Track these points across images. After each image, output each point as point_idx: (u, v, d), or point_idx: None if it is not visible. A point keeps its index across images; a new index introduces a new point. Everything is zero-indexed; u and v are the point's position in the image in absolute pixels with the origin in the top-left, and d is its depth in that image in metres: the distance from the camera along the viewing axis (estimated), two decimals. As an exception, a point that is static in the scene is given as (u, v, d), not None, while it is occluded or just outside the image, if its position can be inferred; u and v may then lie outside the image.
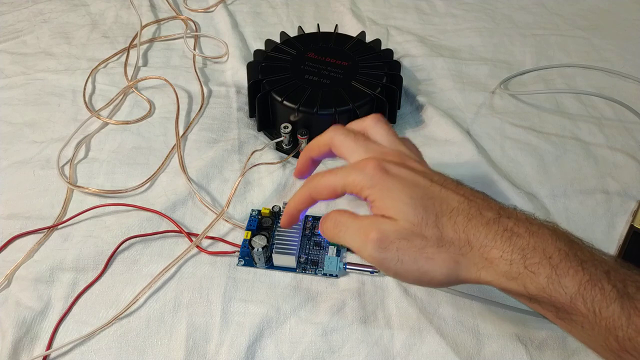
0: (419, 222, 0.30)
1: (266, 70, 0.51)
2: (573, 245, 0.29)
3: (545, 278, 0.28)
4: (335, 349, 0.37)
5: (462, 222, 0.30)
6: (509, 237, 0.29)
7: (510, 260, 0.28)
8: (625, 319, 0.26)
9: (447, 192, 0.31)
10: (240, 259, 0.42)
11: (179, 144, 0.51)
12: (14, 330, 0.37)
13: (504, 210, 0.30)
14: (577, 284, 0.27)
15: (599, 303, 0.27)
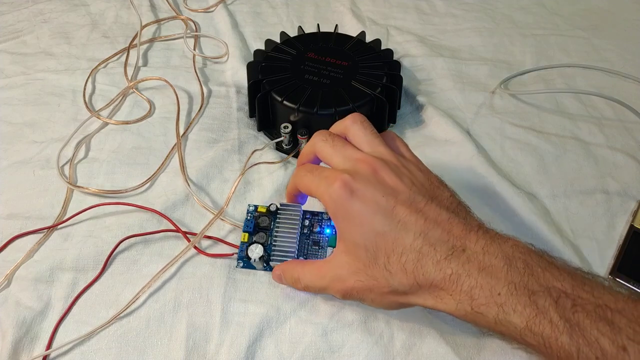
0: (369, 264, 0.32)
1: (266, 70, 0.51)
2: (527, 271, 0.29)
3: (493, 317, 0.29)
4: (335, 349, 0.37)
5: (412, 262, 0.31)
6: (457, 279, 0.30)
7: (458, 301, 0.30)
8: (575, 349, 0.27)
9: (406, 220, 0.31)
10: (239, 260, 0.41)
11: (179, 144, 0.51)
12: (14, 330, 0.37)
13: (462, 238, 0.31)
14: (524, 320, 0.28)
15: (548, 337, 0.27)
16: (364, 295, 0.33)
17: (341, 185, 0.32)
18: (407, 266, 0.31)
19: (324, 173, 0.34)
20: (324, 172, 0.35)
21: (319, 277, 0.35)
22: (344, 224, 0.33)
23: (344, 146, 0.35)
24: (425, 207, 0.32)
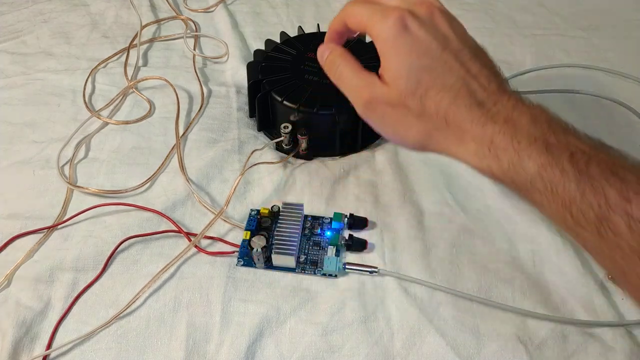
0: (407, 94, 0.33)
1: (266, 70, 0.51)
2: (550, 129, 0.30)
3: (507, 162, 0.30)
4: (335, 349, 0.37)
5: (447, 100, 0.32)
6: (484, 123, 0.31)
7: (479, 144, 0.31)
8: (579, 195, 0.28)
9: (451, 64, 0.33)
10: (240, 259, 0.42)
11: (178, 144, 0.51)
12: (14, 330, 0.37)
13: (495, 94, 0.32)
14: (537, 166, 0.29)
15: (556, 183, 0.29)
16: (386, 113, 0.34)
17: (397, 19, 0.33)
18: (442, 103, 0.32)
19: (380, 6, 0.34)
20: (380, 5, 0.35)
21: (356, 74, 0.36)
22: (390, 57, 0.33)
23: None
24: (469, 61, 0.33)
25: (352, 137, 0.49)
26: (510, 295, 0.40)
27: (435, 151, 0.34)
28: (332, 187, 0.47)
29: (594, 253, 0.30)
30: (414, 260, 0.42)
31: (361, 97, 0.35)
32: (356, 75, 0.36)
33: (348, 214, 0.44)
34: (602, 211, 0.27)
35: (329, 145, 0.50)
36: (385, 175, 0.48)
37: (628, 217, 0.27)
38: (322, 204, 0.46)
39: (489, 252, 0.42)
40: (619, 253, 0.28)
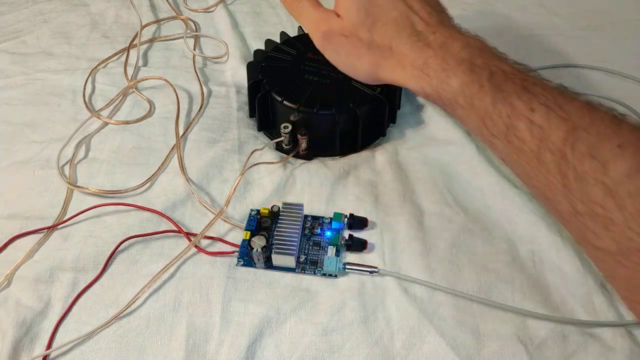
0: (358, 25, 0.38)
1: (266, 70, 0.51)
2: (479, 54, 0.35)
3: (436, 80, 0.35)
4: (335, 349, 0.37)
5: (391, 31, 0.38)
6: (421, 48, 0.36)
7: (414, 67, 0.36)
8: (492, 107, 0.32)
9: (396, 3, 0.38)
10: (240, 259, 0.42)
11: (178, 144, 0.51)
12: (14, 330, 0.37)
13: (434, 26, 0.37)
14: (460, 83, 0.34)
15: (474, 96, 0.33)
16: (340, 43, 0.39)
17: None
18: (387, 34, 0.38)
19: None
20: None
21: (315, 9, 0.41)
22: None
23: None
24: (415, 2, 0.39)
25: (352, 137, 0.49)
26: (510, 295, 0.40)
27: (384, 80, 0.39)
28: (332, 187, 0.47)
29: (505, 160, 0.34)
30: (414, 260, 0.42)
31: (319, 29, 0.40)
32: (315, 10, 0.41)
33: (348, 214, 0.44)
34: (510, 120, 0.32)
35: (329, 145, 0.50)
36: (385, 175, 0.48)
37: (530, 123, 0.31)
38: (322, 204, 0.46)
39: (489, 252, 0.42)
40: (523, 158, 0.32)
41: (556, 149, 0.30)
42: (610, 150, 0.28)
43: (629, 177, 0.27)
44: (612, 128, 0.29)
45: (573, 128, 0.29)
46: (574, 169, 0.29)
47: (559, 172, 0.30)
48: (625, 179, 0.27)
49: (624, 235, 0.27)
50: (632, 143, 0.28)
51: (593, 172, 0.28)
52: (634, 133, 0.28)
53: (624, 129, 0.29)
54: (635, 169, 0.27)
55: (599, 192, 0.28)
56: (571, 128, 0.29)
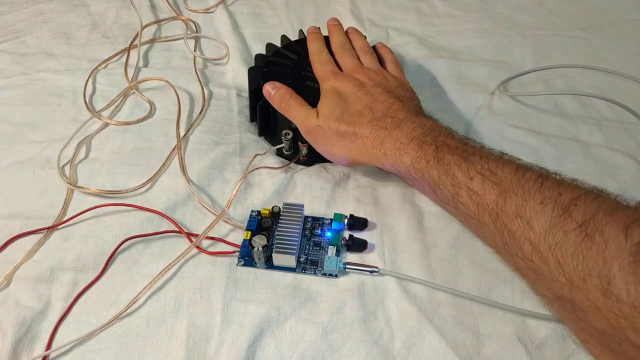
0: (328, 117, 0.44)
1: (267, 76, 0.50)
2: (430, 133, 0.40)
3: (392, 158, 0.40)
4: (335, 349, 0.37)
5: (354, 119, 0.43)
6: (378, 131, 0.41)
7: (374, 147, 0.41)
8: (438, 179, 0.37)
9: (362, 97, 0.44)
10: (240, 259, 0.42)
11: (179, 145, 0.51)
12: (14, 330, 0.37)
13: (394, 111, 0.43)
14: (411, 159, 0.39)
15: (424, 170, 0.38)
16: (319, 135, 0.44)
17: (330, 73, 0.48)
18: (350, 121, 0.43)
19: (328, 67, 0.49)
20: (329, 65, 0.49)
21: (301, 106, 0.46)
22: (322, 99, 0.46)
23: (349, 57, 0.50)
24: (380, 95, 0.44)
25: None
26: (510, 295, 0.40)
27: (357, 162, 0.44)
28: (332, 190, 0.47)
29: (459, 221, 0.40)
30: (413, 261, 0.42)
31: (304, 124, 0.45)
32: (301, 107, 0.46)
33: (348, 214, 0.44)
34: (454, 189, 0.36)
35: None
36: (385, 178, 0.48)
37: (469, 190, 0.35)
38: (323, 205, 0.46)
39: (489, 252, 0.42)
40: (470, 221, 0.36)
41: (491, 210, 0.33)
42: (532, 209, 0.31)
43: (547, 232, 0.30)
44: (535, 187, 0.32)
45: (503, 191, 0.33)
46: (507, 229, 0.32)
47: (497, 231, 0.33)
48: (545, 234, 0.30)
49: (553, 285, 0.30)
50: (552, 199, 0.30)
51: (521, 230, 0.31)
52: (554, 189, 0.31)
53: (546, 186, 0.31)
54: (553, 224, 0.30)
55: (528, 247, 0.31)
56: (501, 192, 0.33)
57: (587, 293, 0.28)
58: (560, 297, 0.30)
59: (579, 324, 0.30)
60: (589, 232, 0.28)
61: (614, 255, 0.27)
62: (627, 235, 0.27)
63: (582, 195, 0.31)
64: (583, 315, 0.29)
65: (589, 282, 0.28)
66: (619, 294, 0.26)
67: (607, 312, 0.27)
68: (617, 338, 0.27)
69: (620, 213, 0.29)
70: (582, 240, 0.28)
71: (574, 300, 0.29)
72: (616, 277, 0.27)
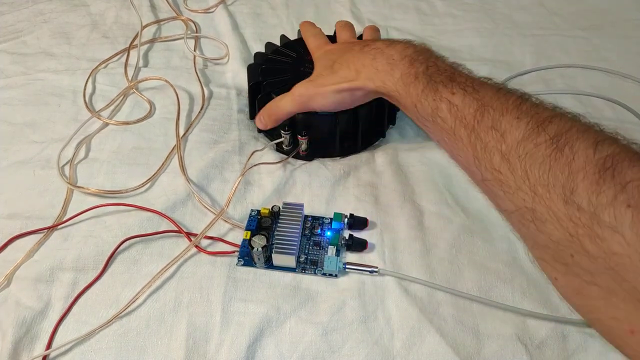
0: (322, 71, 0.47)
1: (267, 72, 0.51)
2: (421, 54, 0.41)
3: (383, 73, 0.42)
4: (335, 349, 0.37)
5: (347, 58, 0.45)
6: (371, 54, 0.43)
7: (367, 67, 0.43)
8: (422, 92, 0.38)
9: (353, 48, 0.46)
10: (240, 258, 0.42)
11: (179, 144, 0.51)
12: (14, 330, 0.37)
13: (389, 44, 0.44)
14: (400, 73, 0.41)
15: (410, 84, 0.40)
16: (311, 90, 0.46)
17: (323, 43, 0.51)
18: (346, 59, 0.45)
19: (321, 39, 0.52)
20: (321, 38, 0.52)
21: (285, 96, 0.47)
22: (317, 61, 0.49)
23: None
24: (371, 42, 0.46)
25: (352, 138, 0.49)
26: (510, 295, 0.40)
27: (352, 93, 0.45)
28: (332, 188, 0.47)
29: (437, 141, 0.40)
30: (414, 260, 0.42)
31: (294, 96, 0.46)
32: (283, 96, 0.47)
33: (348, 214, 0.44)
34: (435, 103, 0.37)
35: (329, 147, 0.50)
36: (385, 176, 0.48)
37: (449, 104, 0.36)
38: (322, 204, 0.46)
39: (488, 251, 0.42)
40: (445, 135, 0.37)
41: (468, 123, 0.35)
42: (508, 122, 0.32)
43: (519, 144, 0.31)
44: (514, 105, 0.33)
45: (482, 106, 0.34)
46: (480, 140, 0.33)
47: (470, 144, 0.34)
48: (516, 145, 0.31)
49: (516, 195, 0.31)
50: (527, 115, 0.32)
51: (494, 141, 0.32)
52: (532, 109, 0.33)
53: (525, 105, 0.33)
54: (526, 136, 0.31)
55: (497, 158, 0.32)
56: (480, 106, 0.34)
57: (549, 202, 0.29)
58: (521, 208, 0.31)
59: (536, 237, 0.30)
60: (559, 145, 0.30)
61: (580, 167, 0.28)
62: (596, 149, 0.28)
63: (558, 114, 0.32)
64: (542, 225, 0.29)
65: (552, 192, 0.29)
66: (580, 203, 0.27)
67: (566, 221, 0.28)
68: (572, 249, 0.28)
69: (592, 131, 0.30)
70: (551, 152, 0.30)
71: (535, 209, 0.30)
72: (579, 187, 0.28)
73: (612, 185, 0.27)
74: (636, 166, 0.27)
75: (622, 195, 0.26)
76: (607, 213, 0.26)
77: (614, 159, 0.28)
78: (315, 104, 0.46)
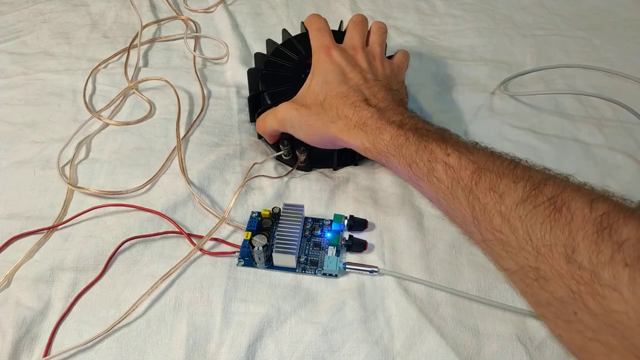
0: (312, 101, 0.45)
1: (267, 80, 0.50)
2: (408, 117, 0.42)
3: (372, 136, 0.41)
4: (335, 349, 0.37)
5: (337, 103, 0.44)
6: (361, 112, 0.42)
7: (355, 128, 0.42)
8: (415, 153, 0.39)
9: (348, 82, 0.45)
10: (240, 259, 0.42)
11: (179, 146, 0.51)
12: (14, 330, 0.37)
13: (378, 98, 0.44)
14: (390, 136, 0.40)
15: (402, 146, 0.40)
16: (295, 119, 0.45)
17: (324, 47, 0.47)
18: (333, 105, 0.44)
19: (326, 40, 0.48)
20: (326, 36, 0.49)
21: (274, 111, 0.46)
22: (314, 71, 0.47)
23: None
24: (370, 82, 0.45)
25: (351, 152, 0.47)
26: (510, 295, 0.40)
27: (336, 142, 0.44)
28: (332, 192, 0.47)
29: (431, 200, 0.40)
30: (413, 261, 0.42)
31: (276, 116, 0.46)
32: (270, 112, 0.47)
33: (348, 215, 0.44)
34: (430, 163, 0.37)
35: (327, 160, 0.49)
36: (384, 181, 0.48)
37: (445, 165, 0.37)
38: (323, 207, 0.46)
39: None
40: (442, 195, 0.37)
41: (465, 185, 0.35)
42: (506, 185, 0.33)
43: (518, 205, 0.32)
44: (509, 169, 0.34)
45: (479, 168, 0.35)
46: (478, 201, 0.34)
47: (468, 205, 0.35)
48: (517, 207, 0.32)
49: (519, 255, 0.32)
50: (522, 178, 0.33)
51: (493, 203, 0.33)
52: (526, 172, 0.34)
53: (518, 169, 0.34)
54: (524, 198, 0.32)
55: (498, 219, 0.33)
56: (477, 168, 0.35)
57: (551, 261, 0.30)
58: (525, 267, 0.32)
59: (539, 295, 0.31)
60: (557, 206, 0.31)
61: (579, 226, 0.29)
62: (591, 208, 0.29)
63: (551, 177, 0.33)
64: (545, 284, 0.30)
65: (555, 250, 0.30)
66: (582, 261, 0.28)
67: (568, 279, 0.29)
68: (575, 306, 0.29)
69: (585, 190, 0.32)
70: (550, 212, 0.31)
71: (539, 268, 0.31)
72: (580, 246, 0.29)
73: (609, 244, 0.28)
74: (630, 223, 0.28)
75: (619, 254, 0.27)
76: (606, 272, 0.27)
77: (610, 217, 0.29)
78: (296, 133, 0.45)
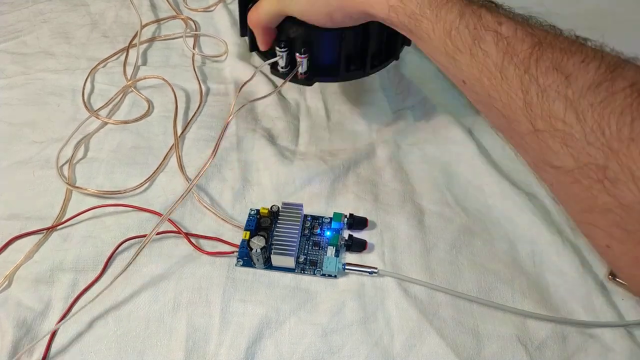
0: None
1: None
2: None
3: (409, 3, 0.34)
4: (335, 350, 0.37)
5: None
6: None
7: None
8: (459, 17, 0.32)
9: None
10: (239, 259, 0.42)
11: (177, 143, 0.50)
12: (14, 331, 0.37)
13: None
14: (426, 3, 0.33)
15: (443, 7, 0.32)
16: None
17: None
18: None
19: None
20: None
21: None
22: None
23: None
24: None
25: (360, 58, 0.42)
26: (510, 295, 0.40)
27: (346, 8, 0.37)
28: (332, 186, 0.47)
29: (468, 79, 0.33)
30: (413, 261, 0.42)
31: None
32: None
33: (348, 214, 0.44)
34: (477, 31, 0.31)
35: (332, 67, 0.43)
36: (385, 174, 0.48)
37: (497, 35, 0.30)
38: (322, 203, 0.46)
39: (489, 252, 0.42)
40: (486, 73, 0.31)
41: (520, 62, 0.29)
42: (574, 64, 0.28)
43: (590, 90, 0.27)
44: (576, 46, 0.29)
45: (539, 43, 0.29)
46: (536, 83, 0.28)
47: (521, 88, 0.29)
48: (587, 92, 0.27)
49: (583, 150, 0.27)
50: (595, 58, 0.28)
51: (556, 85, 0.28)
52: (596, 51, 0.29)
53: (588, 47, 0.29)
54: (598, 82, 0.27)
55: (560, 105, 0.27)
56: (537, 43, 0.29)
57: (626, 160, 0.25)
58: (587, 165, 0.26)
59: (596, 200, 0.26)
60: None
61: None
62: None
63: (625, 60, 0.28)
64: (612, 186, 0.25)
65: (633, 148, 0.25)
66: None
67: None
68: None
69: None
70: (632, 102, 0.25)
71: (607, 167, 0.25)
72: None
73: None
74: None
75: None
76: None
77: None
78: (297, 7, 0.39)
